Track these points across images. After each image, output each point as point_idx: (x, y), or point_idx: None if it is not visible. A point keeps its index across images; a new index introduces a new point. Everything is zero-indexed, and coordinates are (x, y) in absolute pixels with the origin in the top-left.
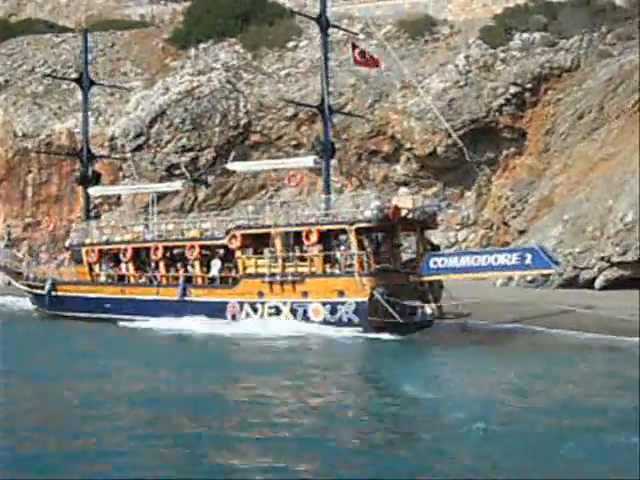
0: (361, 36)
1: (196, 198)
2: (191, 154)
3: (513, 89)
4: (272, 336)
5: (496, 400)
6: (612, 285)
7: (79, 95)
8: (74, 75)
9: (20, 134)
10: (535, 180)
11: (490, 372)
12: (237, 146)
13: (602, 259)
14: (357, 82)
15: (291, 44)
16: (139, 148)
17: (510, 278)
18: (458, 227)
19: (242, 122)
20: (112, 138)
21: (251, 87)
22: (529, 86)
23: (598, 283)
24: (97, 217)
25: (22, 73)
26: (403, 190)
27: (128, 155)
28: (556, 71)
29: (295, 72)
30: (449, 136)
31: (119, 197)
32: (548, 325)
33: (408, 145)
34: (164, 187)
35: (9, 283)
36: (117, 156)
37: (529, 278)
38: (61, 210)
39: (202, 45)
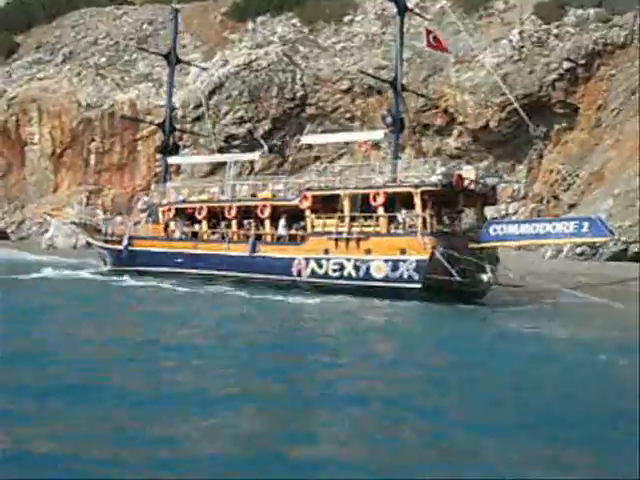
0: (416, 10)
1: (252, 168)
2: (248, 125)
3: (566, 64)
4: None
5: None
6: None
7: (140, 66)
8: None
9: (84, 104)
10: (586, 155)
11: None
12: (293, 118)
13: None
14: (412, 56)
15: (347, 18)
16: (198, 119)
17: (559, 250)
18: (509, 200)
19: (298, 94)
20: (172, 109)
21: (307, 60)
22: (582, 62)
23: None
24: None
25: (85, 45)
26: (467, 167)
27: (188, 127)
28: (609, 47)
29: (351, 46)
30: (502, 110)
31: (179, 166)
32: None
33: (461, 119)
34: (242, 157)
35: (87, 244)
36: (178, 126)
37: (578, 250)
38: (122, 178)
39: (260, 18)
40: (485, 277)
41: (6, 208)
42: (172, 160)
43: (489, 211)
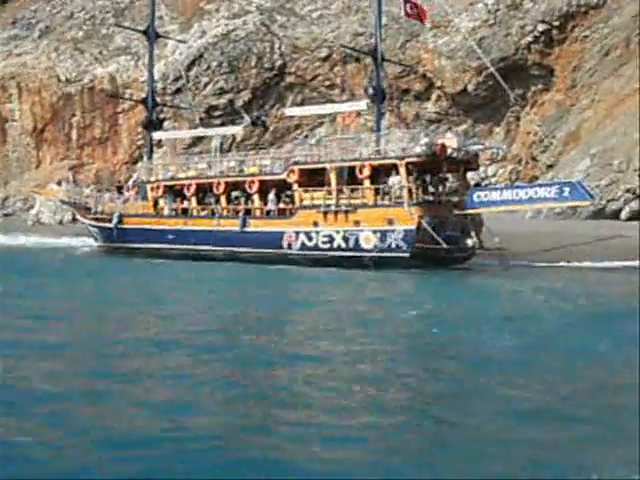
0: None
1: (234, 139)
2: (228, 96)
3: (541, 27)
4: None
5: None
6: (637, 216)
7: (118, 39)
8: (111, 21)
9: (63, 79)
10: (563, 115)
11: None
12: (273, 87)
13: (628, 191)
14: (389, 22)
15: None
16: (178, 91)
17: (539, 211)
18: (488, 163)
19: (277, 64)
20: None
21: (285, 29)
22: (557, 23)
23: (624, 214)
24: (140, 158)
25: (61, 19)
26: (449, 135)
27: (169, 98)
28: (583, 8)
29: (328, 13)
30: (479, 74)
31: (160, 140)
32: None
33: (439, 83)
34: (225, 130)
35: (73, 219)
36: (158, 100)
37: (557, 210)
38: (105, 152)
39: None
40: (470, 242)
41: None
42: (157, 135)
43: (468, 174)
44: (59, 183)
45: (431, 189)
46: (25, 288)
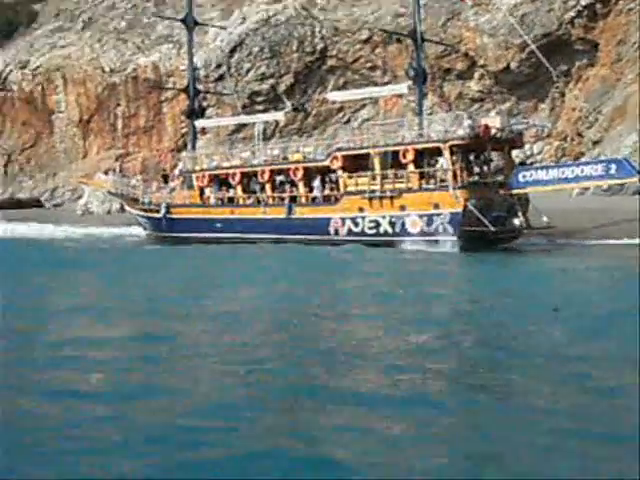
0: None
1: (277, 124)
2: (271, 81)
3: (584, 1)
4: None
5: None
6: None
7: (160, 28)
8: (153, 10)
9: (107, 69)
10: (608, 90)
11: None
12: (314, 71)
13: None
14: (429, 2)
15: None
16: (221, 78)
17: (586, 188)
18: (533, 140)
19: (318, 47)
20: (195, 69)
21: (325, 12)
22: None
23: None
24: (185, 146)
25: (104, 10)
26: (492, 114)
27: (211, 85)
28: None
29: None
30: (522, 51)
31: (204, 127)
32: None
33: (481, 62)
34: (268, 117)
35: (121, 208)
36: (201, 87)
37: (604, 187)
38: (150, 140)
39: None
40: (517, 222)
41: (38, 177)
42: (199, 123)
43: (513, 152)
44: (106, 173)
45: (476, 170)
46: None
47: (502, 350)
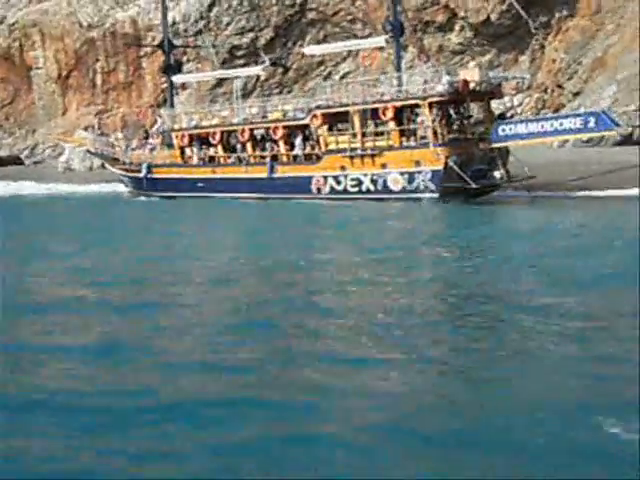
0: None
1: (258, 78)
2: (251, 35)
3: None
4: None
5: None
6: None
7: None
8: None
9: (85, 24)
10: (588, 42)
11: None
12: (294, 24)
13: None
14: None
15: None
16: (200, 32)
17: (566, 140)
18: (513, 92)
19: (298, 0)
20: (173, 23)
21: None
22: None
23: None
24: (165, 101)
25: None
26: (470, 65)
27: (191, 40)
28: None
29: None
30: (502, 2)
31: (184, 83)
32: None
33: (462, 14)
34: (246, 72)
35: (103, 165)
36: (180, 42)
37: (585, 138)
38: (130, 96)
39: None
40: (498, 174)
41: (17, 134)
42: (177, 79)
43: (493, 104)
44: (86, 129)
45: (456, 124)
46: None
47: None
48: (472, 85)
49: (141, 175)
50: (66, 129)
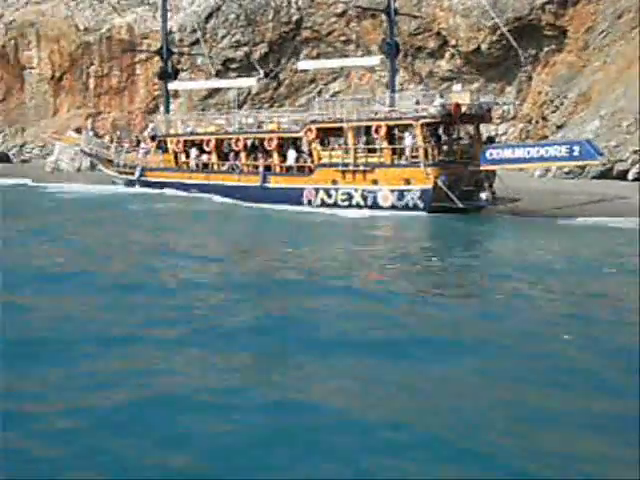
0: None
1: (249, 92)
2: (245, 49)
3: None
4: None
5: None
6: None
7: None
8: None
9: (82, 28)
10: (574, 76)
11: None
12: (289, 41)
13: (635, 152)
14: None
15: None
16: (195, 43)
17: (548, 169)
18: (499, 121)
19: (294, 18)
20: (170, 32)
21: None
22: None
23: (631, 175)
24: (156, 108)
25: None
26: (456, 87)
27: (186, 50)
28: None
29: None
30: (493, 33)
31: (176, 90)
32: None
33: (453, 42)
34: (240, 83)
35: (92, 166)
36: (175, 50)
37: (566, 170)
38: (122, 101)
39: None
40: (484, 196)
41: (7, 131)
42: (172, 86)
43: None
44: (77, 131)
45: (445, 147)
46: None
47: None
48: (464, 109)
49: (134, 177)
50: (56, 130)
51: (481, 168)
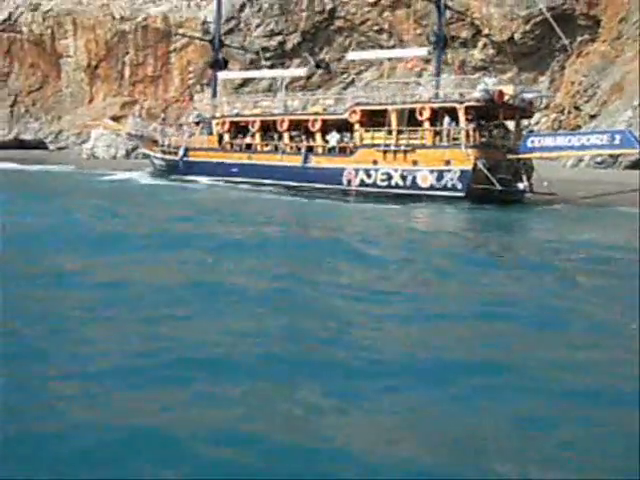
0: None
1: (282, 81)
2: (278, 38)
3: None
4: None
5: None
6: None
7: None
8: None
9: (118, 17)
10: (607, 66)
11: None
12: (322, 31)
13: None
14: None
15: None
16: (230, 32)
17: (581, 159)
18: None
19: (327, 8)
20: (204, 22)
21: None
22: None
23: None
24: (191, 97)
25: None
26: (489, 80)
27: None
28: None
29: None
30: (527, 22)
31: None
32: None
33: (486, 31)
34: (289, 72)
35: (127, 153)
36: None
37: (598, 159)
38: (156, 90)
39: None
40: (521, 185)
41: (43, 119)
42: (222, 75)
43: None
44: (113, 119)
45: (486, 132)
46: None
47: None
48: (506, 97)
49: (177, 158)
50: (92, 118)
51: (521, 156)
